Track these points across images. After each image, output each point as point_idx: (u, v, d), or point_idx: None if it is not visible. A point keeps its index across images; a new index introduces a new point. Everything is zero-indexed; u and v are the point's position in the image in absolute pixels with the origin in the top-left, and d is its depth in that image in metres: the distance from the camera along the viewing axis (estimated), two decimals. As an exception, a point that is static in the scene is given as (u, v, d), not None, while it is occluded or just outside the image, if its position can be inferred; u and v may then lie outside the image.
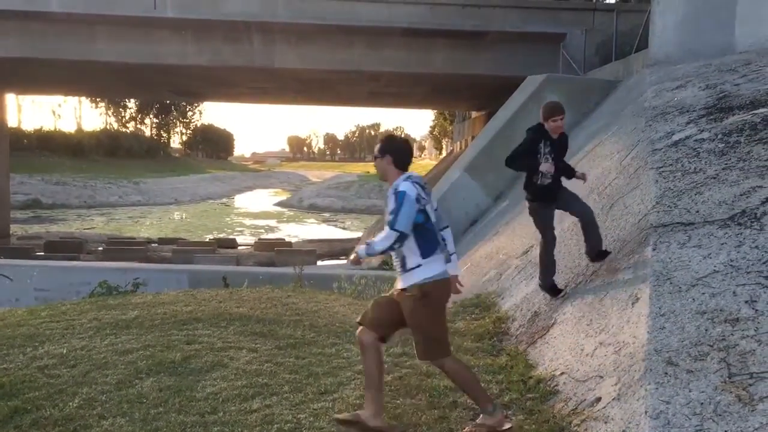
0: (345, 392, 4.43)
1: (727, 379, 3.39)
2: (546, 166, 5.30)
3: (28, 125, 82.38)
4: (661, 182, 5.86)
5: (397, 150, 3.93)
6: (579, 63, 18.18)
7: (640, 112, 8.71)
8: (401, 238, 3.68)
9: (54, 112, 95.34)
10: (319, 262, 23.21)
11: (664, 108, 8.03)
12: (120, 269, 14.23)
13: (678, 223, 5.05)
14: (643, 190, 6.00)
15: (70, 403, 4.28)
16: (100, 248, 25.55)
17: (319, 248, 27.00)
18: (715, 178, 5.52)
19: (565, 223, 7.15)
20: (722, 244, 4.55)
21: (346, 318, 6.52)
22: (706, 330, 3.77)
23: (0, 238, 27.91)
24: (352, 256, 3.88)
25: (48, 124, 79.30)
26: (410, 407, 4.18)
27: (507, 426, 3.72)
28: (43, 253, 24.17)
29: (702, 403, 3.28)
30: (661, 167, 6.18)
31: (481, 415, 3.79)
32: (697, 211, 5.10)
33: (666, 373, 3.54)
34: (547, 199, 5.51)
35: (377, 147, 3.95)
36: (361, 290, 10.22)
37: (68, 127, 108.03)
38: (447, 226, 4.10)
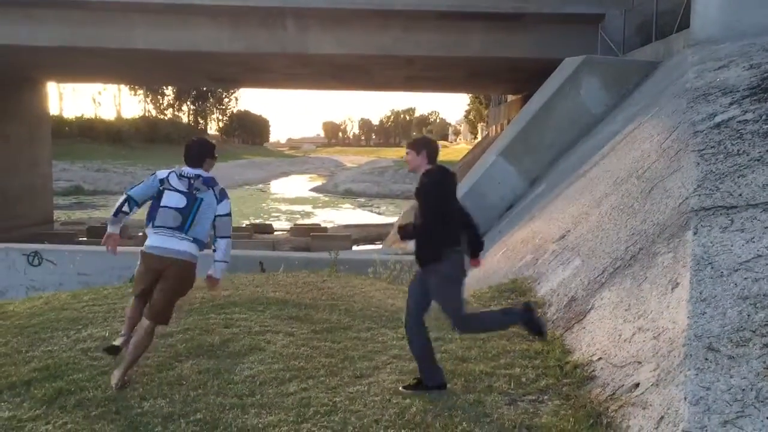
0: (380, 376, 4.45)
1: (770, 365, 3.32)
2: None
3: (69, 113, 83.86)
4: (703, 165, 5.73)
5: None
6: (618, 44, 17.83)
7: (681, 93, 8.52)
8: None
9: (94, 100, 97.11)
10: (355, 247, 23.31)
11: (706, 89, 7.84)
12: (159, 254, 14.44)
13: (720, 206, 4.94)
14: (684, 173, 5.87)
15: (113, 385, 4.37)
16: (140, 234, 26.01)
17: (354, 233, 27.11)
18: (759, 160, 5.38)
19: (603, 207, 7.05)
20: (766, 227, 4.44)
21: (382, 303, 6.55)
22: (748, 315, 3.69)
23: (44, 224, 28.63)
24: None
25: (88, 112, 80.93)
26: (446, 391, 4.18)
27: None
28: (85, 239, 24.73)
29: (743, 390, 3.21)
30: (703, 149, 6.04)
31: None
32: (740, 195, 4.98)
33: (706, 359, 3.48)
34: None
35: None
36: (396, 275, 10.24)
37: (108, 114, 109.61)
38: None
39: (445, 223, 4.19)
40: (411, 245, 4.40)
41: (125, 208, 4.61)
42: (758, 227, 4.48)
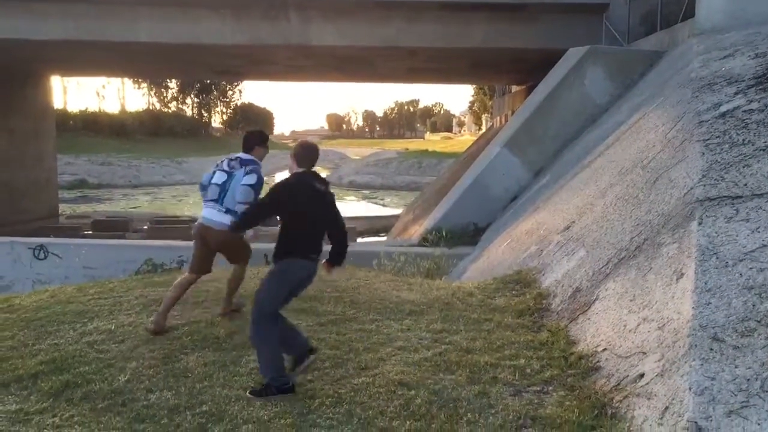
0: (385, 368, 4.46)
1: (776, 355, 3.31)
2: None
3: (74, 107, 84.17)
4: (708, 155, 5.71)
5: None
6: (622, 34, 17.73)
7: (686, 83, 8.48)
8: None
9: (98, 94, 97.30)
10: (359, 240, 23.31)
11: (712, 78, 7.80)
12: (165, 247, 14.51)
13: (725, 196, 4.93)
14: (688, 163, 5.85)
15: (119, 377, 4.40)
16: (145, 227, 26.07)
17: (358, 225, 27.10)
18: (764, 150, 5.36)
19: (607, 197, 7.04)
20: (771, 217, 4.43)
21: (386, 295, 6.55)
22: (753, 305, 3.69)
23: (49, 218, 28.70)
24: None
25: (92, 106, 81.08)
26: (450, 383, 4.19)
27: None
28: (90, 232, 24.79)
29: (748, 380, 3.21)
30: (708, 139, 6.01)
31: None
32: (746, 184, 4.96)
33: (711, 349, 3.48)
34: None
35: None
36: (400, 267, 10.25)
37: (112, 108, 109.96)
38: None
39: (292, 228, 4.32)
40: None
41: (201, 193, 5.68)
42: (763, 217, 4.46)
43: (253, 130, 6.03)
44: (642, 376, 3.72)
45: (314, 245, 4.36)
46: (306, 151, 4.60)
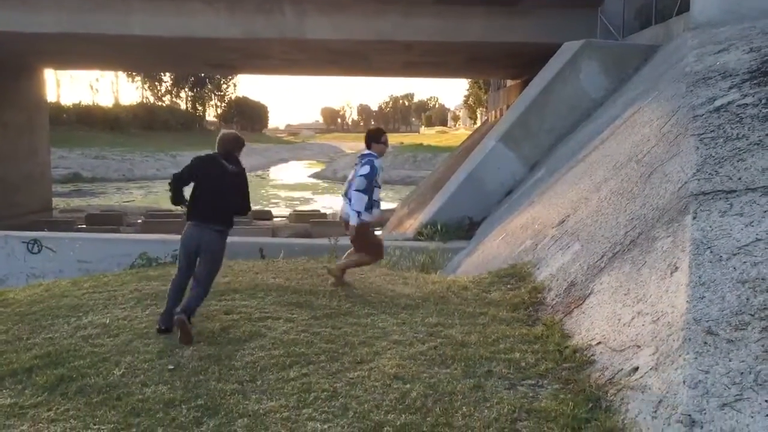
0: (381, 361, 4.47)
1: (769, 348, 3.33)
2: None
3: (67, 100, 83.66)
4: (702, 149, 5.72)
5: None
6: (617, 28, 17.74)
7: (680, 77, 8.49)
8: None
9: (92, 87, 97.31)
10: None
11: (706, 73, 7.82)
12: (159, 241, 14.49)
13: (719, 190, 4.94)
14: (683, 158, 5.87)
15: (114, 371, 4.40)
16: (140, 221, 26.02)
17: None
18: (758, 144, 5.37)
19: (602, 192, 7.05)
20: (765, 211, 4.44)
21: (381, 288, 6.56)
22: (747, 299, 3.70)
23: (43, 212, 28.59)
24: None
25: (86, 99, 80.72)
26: (445, 376, 4.20)
27: None
28: (84, 226, 24.73)
29: (742, 373, 3.23)
30: (702, 134, 6.03)
31: None
32: (740, 179, 4.98)
33: (705, 343, 3.49)
34: None
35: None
36: (395, 261, 10.26)
37: (106, 101, 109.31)
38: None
39: (191, 197, 5.32)
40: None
41: None
42: (757, 211, 4.48)
43: (370, 129, 6.69)
44: (636, 369, 3.73)
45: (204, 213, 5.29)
46: (219, 139, 5.63)
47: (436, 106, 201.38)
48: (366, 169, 6.19)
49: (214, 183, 5.23)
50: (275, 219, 29.24)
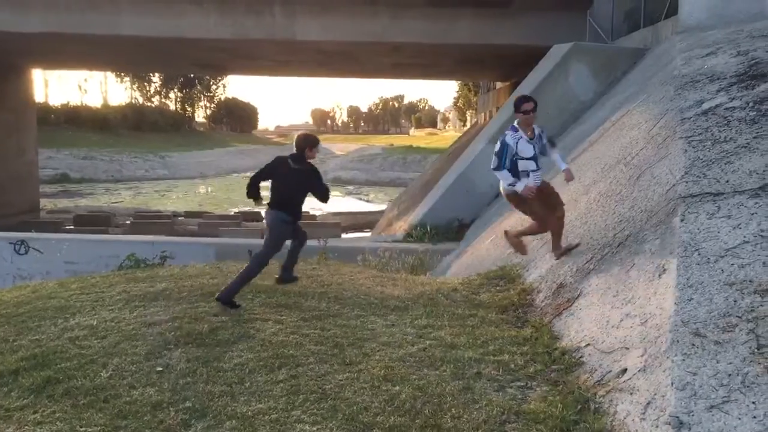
0: (370, 363, 4.46)
1: (756, 350, 3.35)
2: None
3: (55, 100, 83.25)
4: (690, 152, 5.76)
5: None
6: (606, 31, 17.83)
7: (669, 80, 8.54)
8: None
9: (80, 87, 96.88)
10: (344, 235, 23.30)
11: (694, 76, 7.86)
12: (147, 242, 14.43)
13: (707, 193, 4.97)
14: (671, 160, 5.90)
15: (101, 373, 4.36)
16: (128, 222, 25.91)
17: (343, 221, 27.10)
18: (746, 147, 5.41)
19: (591, 194, 7.08)
20: (752, 214, 4.47)
21: (371, 290, 6.55)
22: (734, 301, 3.72)
23: (30, 212, 28.41)
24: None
25: (74, 99, 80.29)
26: (434, 378, 4.20)
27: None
28: (72, 227, 24.59)
29: (730, 375, 3.24)
30: (690, 136, 6.06)
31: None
32: (727, 181, 5.01)
33: (693, 345, 3.51)
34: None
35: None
36: (385, 263, 10.26)
37: (94, 101, 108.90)
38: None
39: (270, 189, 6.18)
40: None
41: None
42: (745, 213, 4.51)
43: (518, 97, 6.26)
44: (625, 371, 3.75)
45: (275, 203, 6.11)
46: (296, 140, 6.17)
47: (426, 107, 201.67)
48: (496, 147, 5.99)
49: (281, 180, 6.07)
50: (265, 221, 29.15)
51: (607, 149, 8.29)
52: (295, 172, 6.03)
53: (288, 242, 6.40)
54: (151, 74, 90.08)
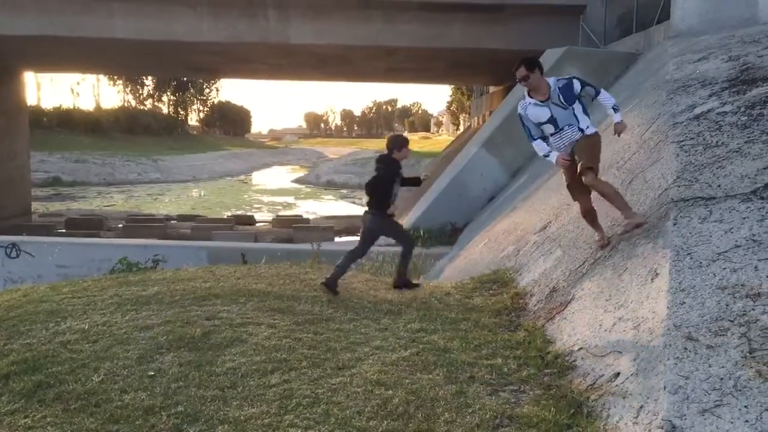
0: (363, 367, 4.45)
1: (748, 354, 3.36)
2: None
3: (47, 103, 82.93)
4: (682, 156, 5.78)
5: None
6: (599, 35, 17.90)
7: (661, 84, 8.58)
8: None
9: (72, 90, 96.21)
10: (337, 239, 23.27)
11: (686, 80, 7.90)
12: (140, 246, 14.40)
13: (699, 197, 4.99)
14: (663, 165, 5.92)
15: (93, 378, 4.34)
16: (120, 225, 25.80)
17: (336, 224, 27.06)
18: (737, 151, 5.44)
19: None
20: (744, 218, 4.49)
21: (364, 294, 6.55)
22: (726, 305, 3.73)
23: (22, 216, 28.26)
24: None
25: (67, 102, 80.00)
26: (428, 382, 4.19)
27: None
28: (64, 231, 24.48)
29: (722, 379, 3.25)
30: (682, 141, 6.09)
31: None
32: (719, 186, 5.03)
33: (685, 349, 3.52)
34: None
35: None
36: (378, 266, 10.24)
37: (87, 105, 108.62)
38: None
39: None
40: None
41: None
42: (736, 218, 4.52)
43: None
44: (617, 375, 3.75)
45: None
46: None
47: (420, 111, 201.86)
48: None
49: (371, 178, 6.65)
50: (258, 224, 29.12)
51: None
52: (377, 171, 6.58)
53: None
54: (144, 77, 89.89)
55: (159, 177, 60.91)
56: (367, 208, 6.71)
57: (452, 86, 68.10)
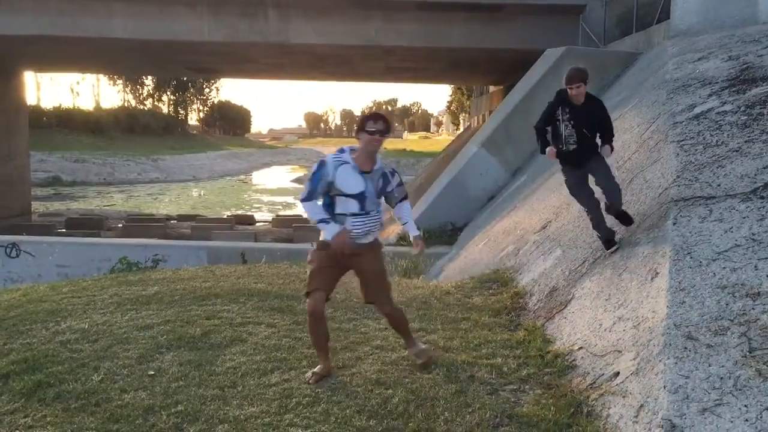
0: (363, 367, 4.45)
1: (748, 353, 3.36)
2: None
3: (47, 103, 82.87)
4: (682, 156, 5.78)
5: None
6: (599, 35, 17.90)
7: (660, 84, 8.57)
8: None
9: (72, 90, 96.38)
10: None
11: (686, 80, 7.90)
12: (140, 246, 14.39)
13: (699, 197, 4.99)
14: (663, 164, 5.92)
15: (93, 377, 4.34)
16: (120, 225, 25.79)
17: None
18: (737, 151, 5.44)
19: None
20: (744, 217, 4.49)
21: (364, 293, 6.54)
22: (726, 304, 3.73)
23: (21, 216, 28.25)
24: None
25: (66, 102, 79.98)
26: (427, 382, 4.19)
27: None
28: (64, 230, 24.47)
29: (722, 378, 3.25)
30: (682, 140, 6.09)
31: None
32: (719, 185, 5.03)
33: (685, 348, 3.52)
34: (572, 164, 5.37)
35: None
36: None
37: (87, 104, 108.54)
38: None
39: None
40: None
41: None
42: (736, 217, 4.53)
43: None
44: (617, 374, 3.75)
45: None
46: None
47: (419, 111, 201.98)
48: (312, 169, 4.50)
49: None
50: (258, 224, 29.11)
51: (599, 153, 8.30)
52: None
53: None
54: (143, 77, 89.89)
55: (159, 177, 60.89)
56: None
57: (452, 86, 68.10)
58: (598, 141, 5.34)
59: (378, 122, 4.22)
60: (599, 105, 5.41)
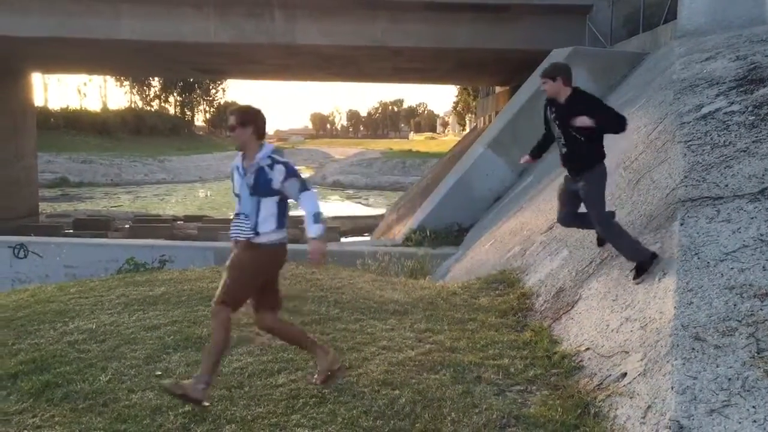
0: (369, 367, 4.45)
1: (756, 354, 3.35)
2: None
3: (55, 104, 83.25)
4: (690, 156, 5.76)
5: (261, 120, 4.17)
6: (605, 35, 17.86)
7: (668, 84, 8.55)
8: None
9: (79, 91, 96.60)
10: (343, 239, 23.29)
11: (693, 80, 7.87)
12: (147, 246, 14.43)
13: (706, 197, 4.97)
14: (670, 164, 5.90)
15: (100, 377, 4.35)
16: (127, 226, 25.87)
17: (342, 225, 27.08)
18: (745, 151, 5.42)
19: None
20: (752, 218, 4.47)
21: (370, 294, 6.54)
22: (734, 305, 3.72)
23: (29, 216, 28.39)
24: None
25: (74, 103, 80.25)
26: (434, 382, 4.19)
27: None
28: (71, 231, 24.56)
29: (730, 379, 3.24)
30: (690, 141, 6.07)
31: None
32: (726, 185, 5.01)
33: (693, 349, 3.51)
34: (567, 170, 5.24)
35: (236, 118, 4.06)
36: (384, 267, 10.25)
37: (94, 105, 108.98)
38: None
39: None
40: None
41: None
42: (744, 218, 4.51)
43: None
44: (625, 375, 3.74)
45: None
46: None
47: (425, 112, 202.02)
48: None
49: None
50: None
51: (606, 153, 8.28)
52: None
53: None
54: (150, 78, 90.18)
55: (165, 177, 61.06)
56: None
57: (458, 87, 68.06)
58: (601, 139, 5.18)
59: (230, 118, 4.12)
60: (582, 97, 5.01)
